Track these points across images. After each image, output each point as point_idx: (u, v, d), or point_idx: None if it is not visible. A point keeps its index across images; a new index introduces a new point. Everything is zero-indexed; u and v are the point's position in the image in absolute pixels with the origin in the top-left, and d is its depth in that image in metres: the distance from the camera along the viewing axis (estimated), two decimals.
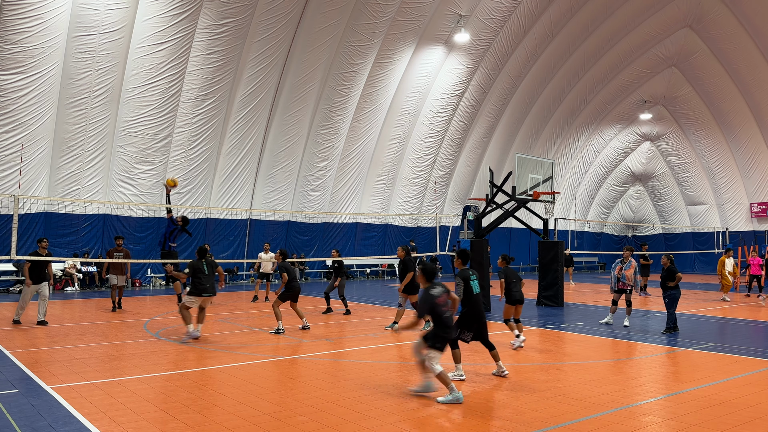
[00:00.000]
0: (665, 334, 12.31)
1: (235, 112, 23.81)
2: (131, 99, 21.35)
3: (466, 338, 8.21)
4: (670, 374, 8.66)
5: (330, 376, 8.29)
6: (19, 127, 19.54)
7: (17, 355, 9.53)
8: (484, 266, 16.44)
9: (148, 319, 13.95)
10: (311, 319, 13.95)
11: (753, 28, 30.40)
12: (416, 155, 29.93)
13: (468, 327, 8.20)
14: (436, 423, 6.22)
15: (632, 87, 35.36)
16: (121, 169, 21.98)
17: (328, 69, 25.25)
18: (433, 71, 28.27)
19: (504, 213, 17.72)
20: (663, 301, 12.87)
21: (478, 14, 27.06)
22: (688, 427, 6.18)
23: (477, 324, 8.23)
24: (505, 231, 35.14)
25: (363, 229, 29.72)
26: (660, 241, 41.83)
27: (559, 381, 8.09)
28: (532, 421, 6.28)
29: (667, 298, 12.71)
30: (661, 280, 12.86)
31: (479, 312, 8.24)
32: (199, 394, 7.24)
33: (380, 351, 10.17)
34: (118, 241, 16.40)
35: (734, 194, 36.66)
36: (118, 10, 20.03)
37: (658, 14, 30.92)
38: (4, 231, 19.99)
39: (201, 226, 24.54)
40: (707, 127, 36.05)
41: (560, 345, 10.97)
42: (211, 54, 22.07)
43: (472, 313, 8.21)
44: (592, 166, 39.36)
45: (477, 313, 8.22)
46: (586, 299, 20.05)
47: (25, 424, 6.04)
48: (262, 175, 25.57)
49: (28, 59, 19.06)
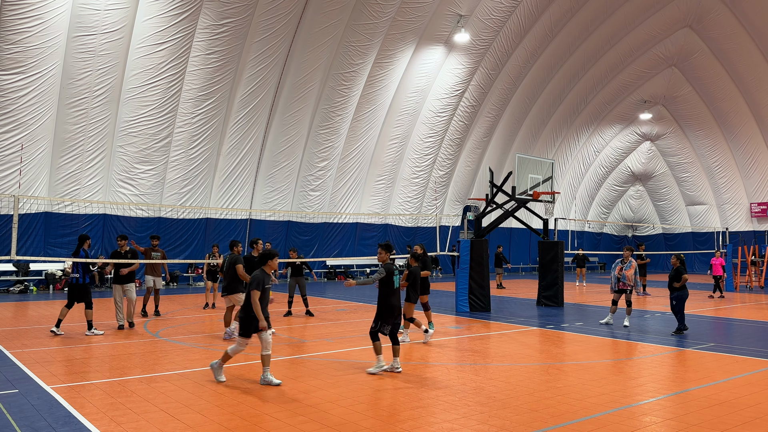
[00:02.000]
0: (675, 335, 12.20)
1: (235, 112, 23.81)
2: (131, 99, 21.35)
3: (386, 330, 8.59)
4: (669, 374, 8.65)
5: (330, 376, 8.29)
6: (19, 127, 19.55)
7: (17, 355, 9.53)
8: (484, 266, 16.44)
9: (148, 319, 13.95)
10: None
11: (753, 28, 30.39)
12: (416, 155, 29.93)
13: (387, 320, 8.56)
14: (437, 423, 6.22)
15: (632, 87, 35.36)
16: (121, 169, 21.99)
17: (328, 69, 25.24)
18: (433, 71, 28.27)
19: (504, 213, 17.72)
20: (670, 302, 12.66)
21: (478, 14, 27.06)
22: (688, 427, 6.18)
23: (394, 318, 8.61)
24: (505, 231, 35.15)
25: (363, 229, 29.71)
26: (660, 241, 41.83)
27: (559, 381, 8.09)
28: (532, 421, 6.28)
29: (674, 300, 12.52)
30: (668, 281, 12.78)
31: (398, 306, 8.66)
32: (199, 394, 7.24)
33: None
34: (154, 241, 14.96)
35: (734, 194, 36.66)
36: (118, 10, 20.04)
37: (658, 14, 30.92)
38: (4, 231, 20.00)
39: (201, 226, 24.55)
40: (707, 127, 36.05)
41: (560, 345, 10.97)
42: (211, 54, 22.07)
43: (392, 307, 8.58)
44: (592, 166, 39.35)
45: (396, 306, 8.62)
46: (586, 299, 20.06)
47: (25, 424, 6.04)
48: (262, 175, 25.56)
49: (28, 59, 19.06)
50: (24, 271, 21.05)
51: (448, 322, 14.07)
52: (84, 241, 11.74)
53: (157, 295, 14.70)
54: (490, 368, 8.79)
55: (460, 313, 15.77)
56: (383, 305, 8.56)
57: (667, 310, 16.70)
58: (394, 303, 8.57)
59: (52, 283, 21.19)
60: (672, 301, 12.59)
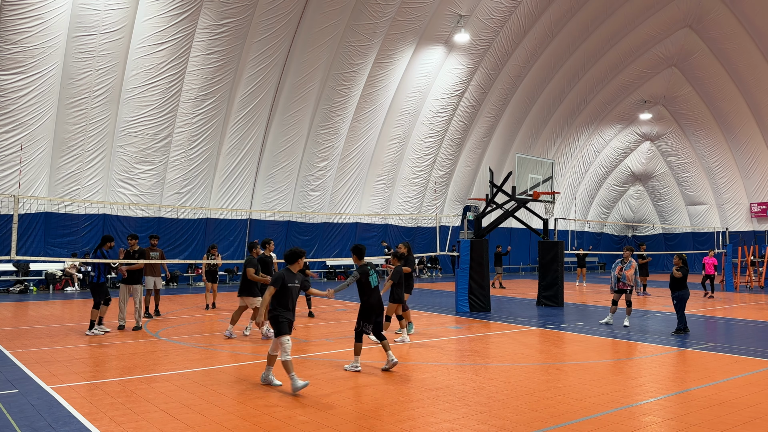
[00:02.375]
0: (675, 335, 12.22)
1: (235, 112, 23.82)
2: (131, 99, 21.35)
3: (368, 330, 8.71)
4: (669, 374, 8.65)
5: (330, 375, 8.29)
6: (19, 127, 19.55)
7: (17, 355, 9.53)
8: (484, 266, 16.44)
9: (148, 320, 13.94)
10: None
11: (753, 28, 30.39)
12: (416, 155, 29.93)
13: (368, 319, 8.69)
14: (437, 423, 6.22)
15: (632, 87, 35.36)
16: (121, 169, 21.99)
17: (328, 69, 25.24)
18: (433, 71, 28.27)
19: (504, 213, 17.72)
20: (672, 302, 12.70)
21: (478, 14, 27.05)
22: (688, 427, 6.18)
23: (375, 316, 8.74)
24: (505, 231, 35.15)
25: (363, 229, 29.71)
26: (660, 241, 41.83)
27: (559, 381, 8.09)
28: (532, 421, 6.28)
29: (675, 300, 12.58)
30: (669, 280, 12.81)
31: (379, 304, 8.78)
32: (199, 394, 7.24)
33: (380, 350, 10.16)
34: (153, 240, 14.80)
35: (734, 194, 36.66)
36: (118, 10, 20.04)
37: (658, 14, 30.92)
38: (4, 231, 20.00)
39: (201, 227, 24.56)
40: (707, 127, 36.04)
41: (560, 345, 10.97)
42: (211, 54, 22.07)
43: (371, 306, 8.72)
44: (592, 166, 39.35)
45: (375, 305, 8.74)
46: (586, 299, 20.06)
47: (25, 424, 6.04)
48: (262, 175, 25.56)
49: (28, 59, 19.06)
50: (24, 271, 21.05)
51: (448, 322, 14.07)
52: (106, 242, 11.85)
53: (158, 296, 14.65)
54: (490, 368, 8.79)
55: (460, 313, 15.77)
56: (362, 305, 8.78)
57: (667, 310, 16.72)
58: (372, 303, 8.73)
59: (52, 283, 21.19)
60: (673, 300, 12.64)
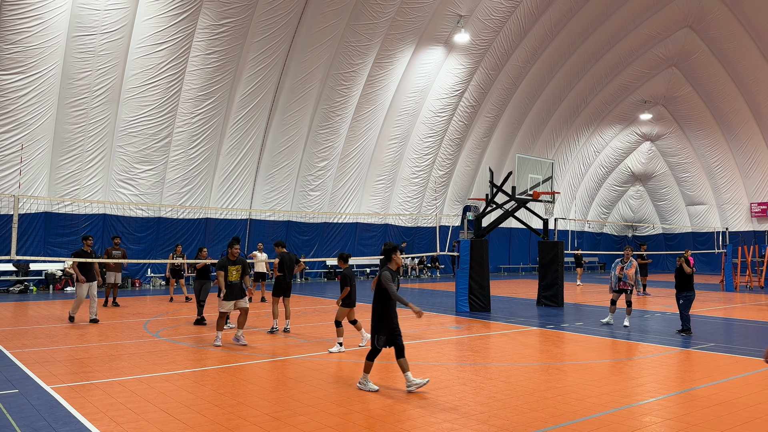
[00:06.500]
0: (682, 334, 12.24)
1: (235, 112, 23.81)
2: (131, 99, 21.35)
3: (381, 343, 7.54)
4: (669, 374, 8.65)
5: (330, 375, 8.29)
6: (19, 127, 19.54)
7: (17, 355, 9.53)
8: (484, 266, 16.45)
9: (148, 319, 13.94)
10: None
11: (753, 28, 30.40)
12: (416, 155, 29.93)
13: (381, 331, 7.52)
14: (437, 423, 6.22)
15: (632, 87, 35.36)
16: (121, 169, 21.98)
17: (328, 69, 25.24)
18: (432, 71, 28.27)
19: (504, 213, 17.72)
20: (677, 302, 12.68)
21: (478, 14, 27.06)
22: (688, 427, 6.18)
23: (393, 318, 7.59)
24: (505, 231, 35.15)
25: (363, 229, 29.71)
26: (660, 241, 41.84)
27: (559, 381, 8.08)
28: (532, 422, 6.28)
29: (682, 299, 12.56)
30: (676, 280, 12.80)
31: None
32: (199, 394, 7.24)
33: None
34: (116, 240, 17.67)
35: (734, 194, 36.67)
36: (118, 10, 20.04)
37: (658, 14, 30.93)
38: (4, 231, 20.00)
39: (201, 226, 24.54)
40: (707, 127, 36.06)
41: (560, 345, 10.97)
42: (210, 54, 22.07)
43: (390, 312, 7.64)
44: (592, 166, 39.36)
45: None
46: (586, 299, 20.06)
47: (25, 424, 6.04)
48: (262, 175, 25.56)
49: (28, 59, 19.06)
50: (24, 271, 21.05)
51: (448, 322, 14.07)
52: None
53: (116, 289, 16.72)
54: (490, 368, 8.79)
55: (460, 313, 15.77)
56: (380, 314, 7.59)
57: (667, 310, 16.72)
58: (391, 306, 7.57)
59: (52, 283, 21.18)
60: (679, 300, 12.62)
